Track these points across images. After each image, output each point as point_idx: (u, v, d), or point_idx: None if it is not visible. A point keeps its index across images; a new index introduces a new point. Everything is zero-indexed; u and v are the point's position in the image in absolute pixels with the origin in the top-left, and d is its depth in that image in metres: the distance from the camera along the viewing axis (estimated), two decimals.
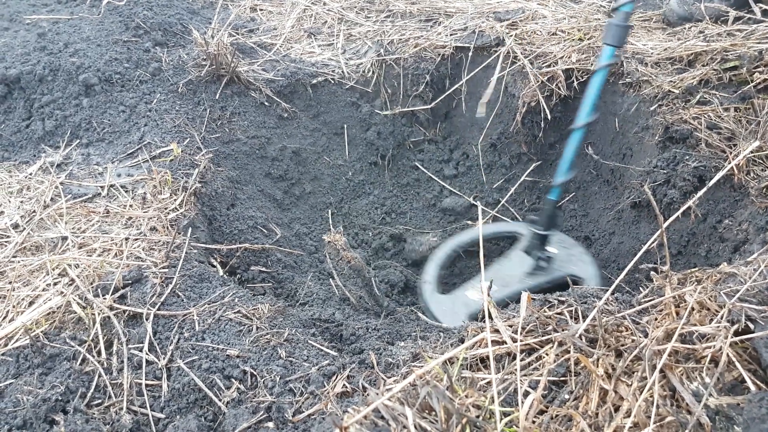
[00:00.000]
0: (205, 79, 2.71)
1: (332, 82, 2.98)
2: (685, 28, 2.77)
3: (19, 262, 1.81)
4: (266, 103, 2.82)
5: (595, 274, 2.37)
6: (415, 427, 0.95)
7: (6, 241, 1.90)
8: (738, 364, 1.12)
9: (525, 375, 1.21)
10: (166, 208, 2.03)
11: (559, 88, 2.66)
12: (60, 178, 2.20)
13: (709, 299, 1.26)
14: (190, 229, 1.98)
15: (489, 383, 1.20)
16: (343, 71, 3.01)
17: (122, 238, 1.89)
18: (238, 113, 2.71)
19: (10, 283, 1.72)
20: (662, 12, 2.96)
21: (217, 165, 2.44)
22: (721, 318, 1.21)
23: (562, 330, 1.27)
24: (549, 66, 2.70)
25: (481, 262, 1.24)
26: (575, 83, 2.64)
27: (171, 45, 2.97)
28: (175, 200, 2.07)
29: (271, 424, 1.32)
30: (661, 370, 1.12)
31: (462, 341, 1.41)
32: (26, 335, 1.52)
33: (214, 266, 2.03)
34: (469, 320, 2.22)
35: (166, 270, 1.78)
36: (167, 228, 1.95)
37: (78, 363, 1.49)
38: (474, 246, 2.71)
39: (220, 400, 1.40)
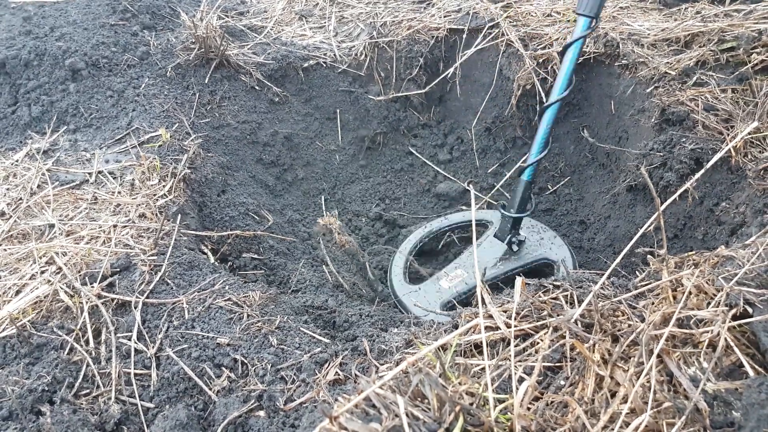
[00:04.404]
0: (193, 62, 2.66)
1: (324, 65, 2.93)
2: (681, 9, 2.74)
3: (5, 250, 1.78)
4: (257, 88, 2.77)
5: (569, 256, 2.33)
6: (407, 415, 0.92)
7: None
8: (736, 349, 1.10)
9: (519, 361, 1.19)
10: (154, 195, 2.00)
11: (554, 71, 2.63)
12: (47, 164, 2.15)
13: (707, 283, 1.24)
14: (179, 215, 1.94)
15: (483, 370, 1.18)
16: (335, 54, 2.96)
17: (110, 226, 1.85)
18: (228, 98, 2.67)
19: None
20: None
21: (206, 150, 2.40)
22: (719, 302, 1.19)
23: (557, 315, 1.25)
24: (544, 48, 2.67)
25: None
26: None
27: (159, 28, 2.91)
28: (164, 186, 2.04)
29: (262, 413, 1.30)
30: (658, 355, 1.10)
31: (455, 327, 1.39)
32: (13, 324, 1.49)
33: (204, 253, 2.00)
34: (441, 309, 2.20)
35: (155, 257, 1.74)
36: (156, 215, 1.92)
37: (65, 352, 1.46)
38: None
39: (210, 389, 1.38)
